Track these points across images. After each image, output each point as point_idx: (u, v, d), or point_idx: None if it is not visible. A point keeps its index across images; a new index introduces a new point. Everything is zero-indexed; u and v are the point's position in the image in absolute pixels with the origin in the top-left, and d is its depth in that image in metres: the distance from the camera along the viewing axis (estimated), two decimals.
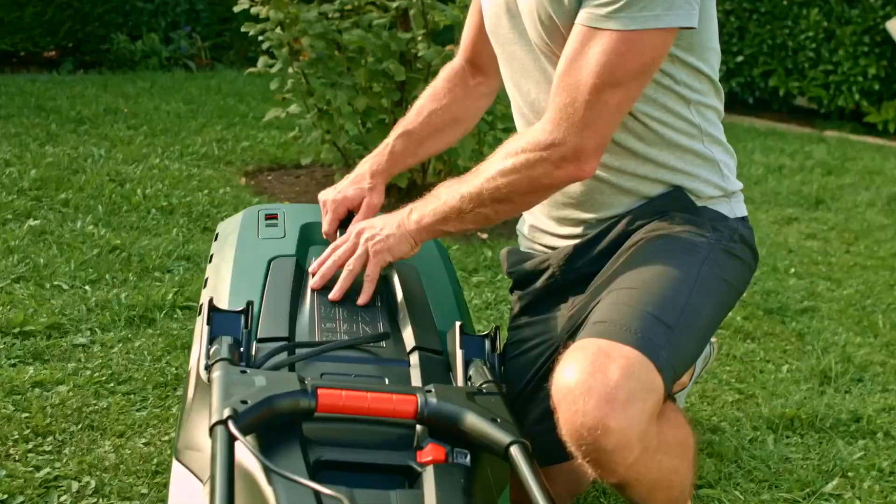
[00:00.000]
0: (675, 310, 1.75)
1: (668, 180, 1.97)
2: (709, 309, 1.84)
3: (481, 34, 2.21)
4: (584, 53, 1.75)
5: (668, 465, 1.76)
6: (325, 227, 2.14)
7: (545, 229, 2.13)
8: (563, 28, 1.84)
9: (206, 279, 2.05)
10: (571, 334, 1.97)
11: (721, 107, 2.04)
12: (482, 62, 2.28)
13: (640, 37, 1.73)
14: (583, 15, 1.77)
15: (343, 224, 2.11)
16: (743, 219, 2.05)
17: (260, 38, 4.83)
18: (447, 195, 1.88)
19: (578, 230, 2.05)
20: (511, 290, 2.22)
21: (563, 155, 1.78)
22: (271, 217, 2.18)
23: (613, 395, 1.56)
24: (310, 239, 2.12)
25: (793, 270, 4.41)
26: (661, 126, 1.94)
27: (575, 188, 1.99)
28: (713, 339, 2.63)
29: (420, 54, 4.52)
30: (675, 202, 1.96)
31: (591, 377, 1.58)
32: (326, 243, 2.08)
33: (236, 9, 4.83)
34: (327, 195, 2.16)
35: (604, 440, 1.57)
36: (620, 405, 1.56)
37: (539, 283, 2.10)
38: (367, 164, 2.21)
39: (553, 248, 2.10)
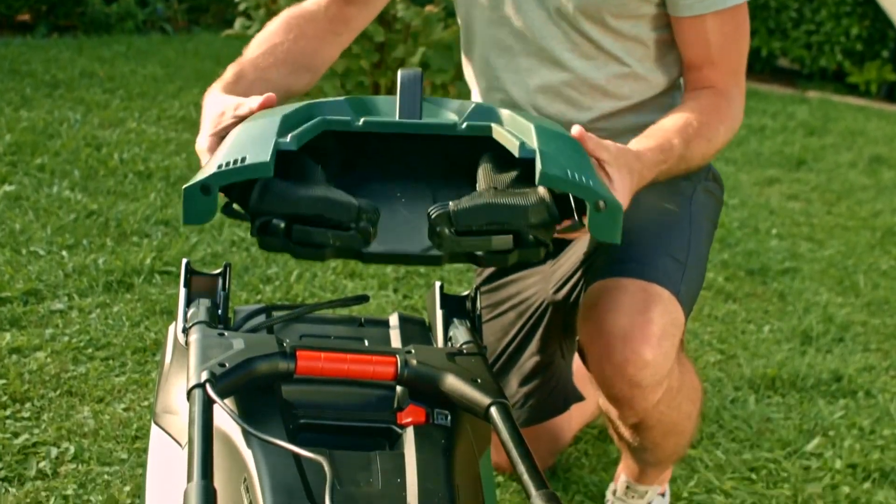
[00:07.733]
0: (682, 247, 1.82)
1: None
2: (703, 244, 1.91)
3: None
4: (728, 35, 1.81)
5: (685, 410, 1.85)
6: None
7: None
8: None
9: None
10: (562, 285, 1.98)
11: None
12: None
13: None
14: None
15: None
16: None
17: None
18: (667, 143, 1.68)
19: None
20: None
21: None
22: None
23: (651, 331, 1.65)
24: None
25: (774, 231, 4.40)
26: (665, 80, 1.94)
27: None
28: None
29: (399, 15, 4.48)
30: None
31: (630, 316, 1.66)
32: None
33: None
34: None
35: (641, 375, 1.65)
36: (657, 340, 1.65)
37: None
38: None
39: None
